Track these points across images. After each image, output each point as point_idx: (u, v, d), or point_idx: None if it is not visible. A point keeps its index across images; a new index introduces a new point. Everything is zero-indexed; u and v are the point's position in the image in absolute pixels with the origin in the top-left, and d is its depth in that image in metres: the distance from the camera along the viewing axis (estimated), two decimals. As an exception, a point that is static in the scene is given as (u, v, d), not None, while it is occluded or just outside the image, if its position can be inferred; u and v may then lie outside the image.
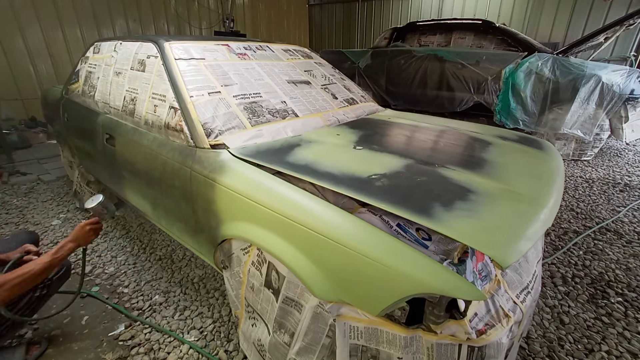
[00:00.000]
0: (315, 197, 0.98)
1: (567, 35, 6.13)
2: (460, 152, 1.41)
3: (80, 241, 1.28)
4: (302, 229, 0.92)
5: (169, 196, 1.46)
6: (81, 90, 2.17)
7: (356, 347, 0.92)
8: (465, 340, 0.84)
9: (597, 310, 1.67)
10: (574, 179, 3.35)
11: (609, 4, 5.59)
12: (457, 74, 4.16)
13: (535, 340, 1.49)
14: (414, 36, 4.91)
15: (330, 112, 1.75)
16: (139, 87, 1.66)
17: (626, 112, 3.52)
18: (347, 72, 4.56)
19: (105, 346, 1.47)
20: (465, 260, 0.83)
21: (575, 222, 2.52)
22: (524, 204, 0.99)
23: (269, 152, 1.24)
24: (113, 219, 2.55)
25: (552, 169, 1.31)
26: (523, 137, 1.68)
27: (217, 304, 1.70)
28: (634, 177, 3.39)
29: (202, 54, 1.64)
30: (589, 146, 3.79)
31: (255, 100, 1.54)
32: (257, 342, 1.23)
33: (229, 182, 1.14)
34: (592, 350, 1.45)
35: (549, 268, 1.99)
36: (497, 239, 0.81)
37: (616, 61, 5.53)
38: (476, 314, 0.87)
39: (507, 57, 3.88)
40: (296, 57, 2.12)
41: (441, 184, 1.05)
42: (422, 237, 0.87)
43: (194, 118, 1.33)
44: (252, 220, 1.05)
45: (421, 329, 0.86)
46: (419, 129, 1.69)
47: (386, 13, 8.51)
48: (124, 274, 1.93)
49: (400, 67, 4.62)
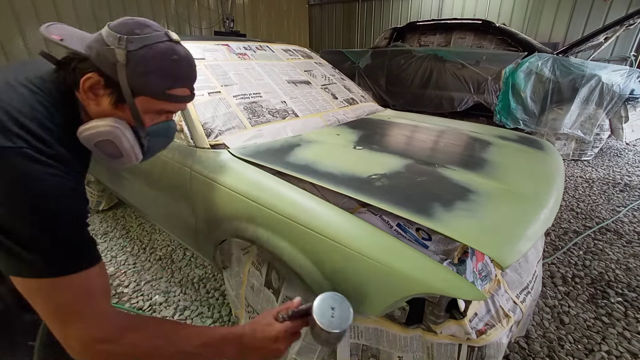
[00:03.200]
0: (315, 197, 0.98)
1: (567, 35, 6.13)
2: (460, 152, 1.41)
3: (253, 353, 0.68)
4: (302, 229, 0.92)
5: (168, 196, 1.46)
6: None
7: (357, 347, 0.92)
8: (465, 340, 0.84)
9: (597, 310, 1.67)
10: (574, 179, 3.35)
11: (609, 4, 5.59)
12: (457, 74, 4.17)
13: (535, 340, 1.49)
14: (414, 36, 4.91)
15: (330, 112, 1.75)
16: (139, 87, 1.66)
17: (626, 112, 3.53)
18: (347, 72, 4.56)
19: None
20: (465, 260, 0.83)
21: (575, 222, 2.52)
22: (524, 204, 0.99)
23: (269, 152, 1.24)
24: (115, 221, 2.55)
25: (552, 169, 1.31)
26: (523, 137, 1.68)
27: (217, 304, 1.70)
28: (634, 177, 3.39)
29: (202, 54, 1.64)
30: (589, 146, 3.79)
31: (255, 100, 1.54)
32: (257, 342, 1.23)
33: (229, 182, 1.14)
34: (592, 350, 1.45)
35: (549, 268, 1.99)
36: (497, 239, 0.81)
37: (616, 61, 5.54)
38: (476, 314, 0.87)
39: (507, 57, 3.88)
40: (296, 57, 2.12)
41: (441, 184, 1.05)
42: (422, 237, 0.87)
43: (193, 118, 1.33)
44: (252, 220, 1.05)
45: (421, 329, 0.86)
46: (419, 129, 1.69)
47: (386, 13, 8.52)
48: (124, 274, 1.93)
49: (400, 67, 4.62)
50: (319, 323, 0.64)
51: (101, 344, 0.55)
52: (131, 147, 0.68)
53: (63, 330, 0.55)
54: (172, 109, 0.72)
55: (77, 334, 0.55)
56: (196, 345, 0.62)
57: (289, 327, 0.69)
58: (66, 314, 0.55)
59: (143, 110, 0.67)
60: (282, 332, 0.68)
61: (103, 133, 0.63)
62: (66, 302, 0.55)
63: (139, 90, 0.64)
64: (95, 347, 0.55)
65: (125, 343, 0.57)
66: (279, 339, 0.68)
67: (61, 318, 0.55)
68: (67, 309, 0.55)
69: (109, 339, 0.56)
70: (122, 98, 0.63)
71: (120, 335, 0.57)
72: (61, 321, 0.55)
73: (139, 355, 0.59)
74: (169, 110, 0.71)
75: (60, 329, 0.56)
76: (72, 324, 0.55)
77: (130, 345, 0.57)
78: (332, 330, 0.64)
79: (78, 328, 0.55)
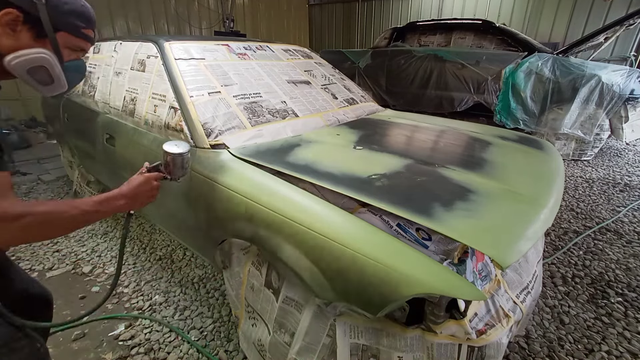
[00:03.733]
0: (315, 197, 0.98)
1: (567, 35, 6.13)
2: (460, 152, 1.41)
3: (135, 200, 0.90)
4: (302, 229, 0.92)
5: (168, 196, 1.46)
6: (81, 90, 2.17)
7: (357, 347, 0.92)
8: (465, 340, 0.84)
9: (597, 310, 1.67)
10: (574, 179, 3.35)
11: (609, 4, 5.59)
12: (457, 74, 4.17)
13: (535, 340, 1.49)
14: (414, 36, 4.91)
15: (330, 112, 1.75)
16: (139, 87, 1.66)
17: (626, 112, 3.53)
18: (347, 72, 4.56)
19: (105, 346, 1.47)
20: (465, 260, 0.83)
21: (575, 222, 2.52)
22: (524, 204, 0.99)
23: (269, 152, 1.24)
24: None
25: (552, 169, 1.31)
26: (523, 137, 1.68)
27: (217, 304, 1.70)
28: (634, 177, 3.39)
29: (202, 54, 1.64)
30: (589, 146, 3.79)
31: (255, 100, 1.54)
32: (257, 342, 1.23)
33: (229, 182, 1.14)
34: (592, 350, 1.45)
35: (549, 268, 1.99)
36: (497, 239, 0.81)
37: (616, 61, 5.53)
38: (476, 314, 0.87)
39: (507, 57, 3.88)
40: (296, 57, 2.12)
41: (441, 184, 1.05)
42: (422, 237, 0.87)
43: (194, 118, 1.33)
44: (252, 220, 1.05)
45: (421, 329, 0.86)
46: (419, 129, 1.69)
47: (386, 13, 8.51)
48: (124, 274, 1.93)
49: (400, 67, 4.62)
50: (169, 150, 0.94)
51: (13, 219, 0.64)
52: (60, 74, 0.76)
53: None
54: (85, 47, 0.82)
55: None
56: (92, 203, 0.77)
57: (152, 175, 0.94)
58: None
59: (62, 45, 0.76)
60: (148, 176, 0.93)
61: (37, 59, 0.71)
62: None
63: (61, 26, 0.74)
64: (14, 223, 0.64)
65: (37, 212, 0.67)
66: (148, 181, 0.92)
67: None
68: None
69: (21, 212, 0.65)
70: (42, 33, 0.71)
71: (32, 208, 0.67)
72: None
73: (51, 222, 0.70)
74: (83, 48, 0.81)
75: None
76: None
77: (43, 213, 0.68)
78: (181, 151, 0.95)
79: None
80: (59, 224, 0.72)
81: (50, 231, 0.73)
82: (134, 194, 0.89)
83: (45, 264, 2.01)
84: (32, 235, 0.71)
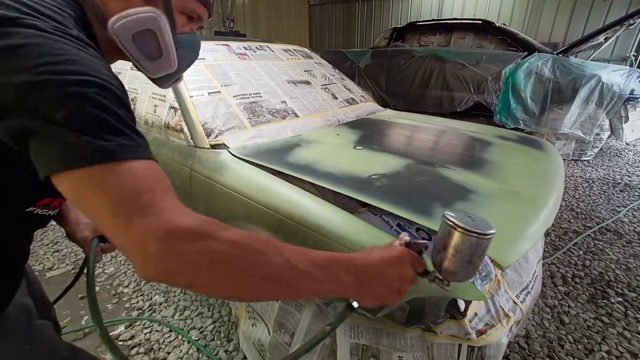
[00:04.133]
0: (315, 197, 0.98)
1: (567, 35, 6.14)
2: (460, 152, 1.41)
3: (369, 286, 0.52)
4: (302, 228, 0.92)
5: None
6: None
7: (357, 347, 0.92)
8: (465, 340, 0.84)
9: (597, 310, 1.67)
10: (574, 179, 3.35)
11: (609, 4, 5.59)
12: (457, 74, 4.17)
13: (535, 340, 1.49)
14: (414, 36, 4.91)
15: (330, 112, 1.75)
16: (138, 87, 1.66)
17: (626, 112, 3.53)
18: (347, 72, 4.56)
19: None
20: (466, 260, 0.83)
21: (575, 222, 2.52)
22: (524, 204, 0.99)
23: (269, 152, 1.24)
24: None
25: (552, 169, 1.31)
26: (523, 137, 1.68)
27: (217, 304, 1.70)
28: (634, 177, 3.39)
29: (202, 54, 1.63)
30: (589, 146, 3.80)
31: (255, 100, 1.54)
32: (257, 342, 1.23)
33: (229, 182, 1.14)
34: (592, 350, 1.45)
35: (549, 268, 1.99)
36: (497, 239, 0.81)
37: (616, 61, 5.53)
38: (476, 314, 0.87)
39: (507, 57, 3.88)
40: (296, 57, 2.12)
41: (441, 184, 1.05)
42: (422, 237, 0.87)
43: (194, 118, 1.33)
44: (252, 220, 1.05)
45: (421, 329, 0.86)
46: (419, 129, 1.69)
47: (386, 13, 8.52)
48: (124, 274, 1.93)
49: (400, 67, 4.62)
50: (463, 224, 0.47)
51: (190, 238, 0.38)
52: (171, 45, 0.58)
53: (131, 229, 0.38)
54: (203, 14, 0.64)
55: (155, 225, 0.38)
56: (304, 260, 0.45)
57: (411, 255, 0.54)
58: (135, 203, 0.39)
59: (176, 9, 0.59)
60: (405, 252, 0.53)
61: (145, 20, 0.53)
62: (133, 188, 0.40)
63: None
64: (181, 244, 0.38)
65: (223, 238, 0.40)
66: (402, 261, 0.51)
67: (127, 211, 0.38)
68: (136, 197, 0.39)
69: (201, 231, 0.39)
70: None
71: (213, 228, 0.40)
72: (127, 217, 0.38)
73: (241, 259, 0.40)
74: (200, 15, 0.64)
75: (125, 228, 0.38)
76: (145, 216, 0.38)
77: (231, 243, 0.40)
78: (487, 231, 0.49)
79: (154, 220, 0.38)
80: (248, 272, 0.41)
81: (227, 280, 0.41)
82: (372, 273, 0.51)
83: (45, 264, 2.01)
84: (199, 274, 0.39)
